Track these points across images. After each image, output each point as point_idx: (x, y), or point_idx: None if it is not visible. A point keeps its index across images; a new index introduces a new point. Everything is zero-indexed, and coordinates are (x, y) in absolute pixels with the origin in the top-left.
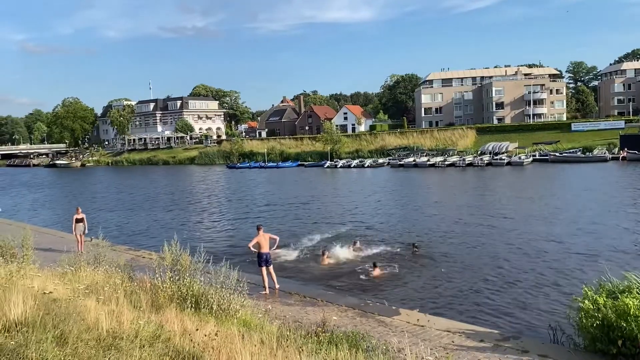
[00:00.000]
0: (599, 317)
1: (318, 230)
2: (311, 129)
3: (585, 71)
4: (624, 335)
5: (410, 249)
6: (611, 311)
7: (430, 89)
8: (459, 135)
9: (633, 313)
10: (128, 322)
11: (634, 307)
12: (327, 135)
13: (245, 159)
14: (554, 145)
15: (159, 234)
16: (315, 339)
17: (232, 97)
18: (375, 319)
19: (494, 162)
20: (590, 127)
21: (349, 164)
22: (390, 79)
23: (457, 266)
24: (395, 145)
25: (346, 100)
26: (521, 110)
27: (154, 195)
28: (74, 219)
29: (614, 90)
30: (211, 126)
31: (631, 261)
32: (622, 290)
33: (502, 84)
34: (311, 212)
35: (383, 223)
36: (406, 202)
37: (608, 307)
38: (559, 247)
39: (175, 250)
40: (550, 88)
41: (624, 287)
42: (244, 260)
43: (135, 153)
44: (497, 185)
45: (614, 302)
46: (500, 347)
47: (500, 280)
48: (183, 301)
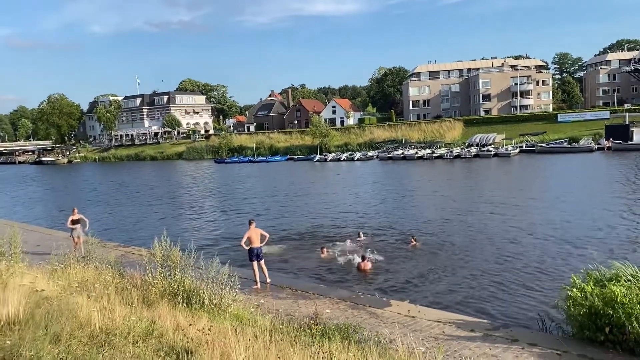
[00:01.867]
0: (586, 305)
1: (311, 224)
2: (300, 123)
3: (571, 62)
4: (611, 323)
5: (409, 241)
6: (598, 299)
7: (417, 82)
8: (446, 128)
9: (620, 300)
10: (120, 319)
11: (621, 295)
12: (316, 128)
13: (234, 153)
14: (541, 136)
15: (148, 229)
16: (308, 331)
17: (219, 91)
18: (367, 311)
19: (481, 154)
20: (576, 118)
21: (338, 158)
22: (377, 72)
23: (447, 257)
24: (383, 139)
25: (334, 93)
26: (508, 101)
27: (141, 191)
28: (70, 220)
29: (599, 81)
30: (199, 121)
31: (618, 249)
32: (610, 278)
33: (488, 76)
34: (304, 206)
35: (375, 216)
36: (396, 195)
37: (595, 295)
38: (547, 236)
39: (165, 246)
40: (536, 79)
41: (611, 275)
42: (235, 254)
43: (123, 149)
44: (484, 177)
45: (601, 290)
46: (490, 336)
47: (490, 270)
48: (174, 297)
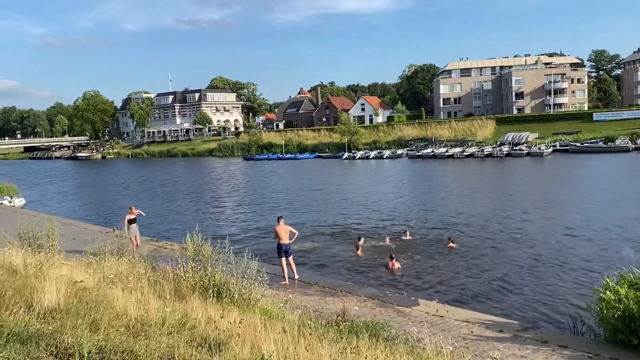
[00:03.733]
0: (620, 308)
1: (340, 221)
2: (328, 121)
3: (608, 60)
4: None
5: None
6: (633, 302)
7: (448, 79)
8: (477, 126)
9: None
10: (154, 310)
11: None
12: (345, 126)
13: (264, 150)
14: (575, 136)
15: (180, 224)
16: (335, 328)
17: (249, 89)
18: (395, 309)
19: (513, 153)
20: (612, 117)
21: (367, 155)
22: (408, 69)
23: (478, 257)
24: (413, 136)
25: (363, 91)
26: (541, 100)
27: (173, 187)
28: (127, 219)
29: (638, 79)
30: (229, 118)
31: None
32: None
33: (521, 74)
34: (332, 203)
35: (407, 215)
36: (427, 194)
37: (630, 298)
38: (580, 238)
39: (197, 240)
40: (571, 77)
41: None
42: (264, 250)
43: (155, 145)
44: (517, 177)
45: (636, 293)
46: (520, 337)
47: (521, 271)
48: (205, 291)
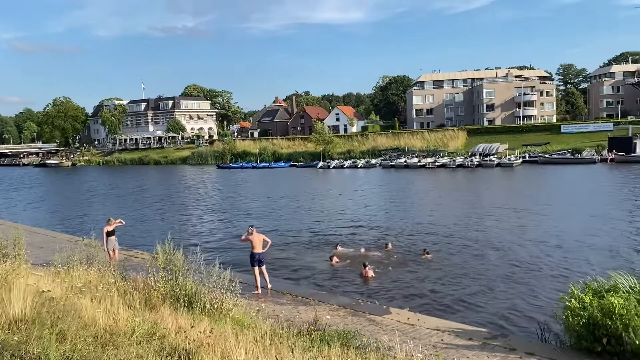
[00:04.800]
0: (584, 315)
1: (314, 231)
2: (303, 130)
3: (575, 73)
4: (609, 334)
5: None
6: (597, 310)
7: (421, 91)
8: (449, 137)
9: (618, 312)
10: (124, 320)
11: (619, 306)
12: (319, 135)
13: (238, 159)
14: (544, 147)
15: (150, 233)
16: (307, 337)
17: (224, 97)
18: (367, 318)
19: (483, 164)
20: (579, 129)
21: (341, 165)
22: (382, 80)
23: (450, 266)
24: (386, 146)
25: (338, 101)
26: (511, 112)
27: (144, 195)
28: (105, 231)
29: (603, 92)
30: (203, 126)
31: (617, 261)
32: (608, 289)
33: (492, 86)
34: (307, 212)
35: (381, 224)
36: (400, 204)
37: (594, 306)
38: (547, 247)
39: (168, 249)
40: (540, 90)
41: (610, 286)
42: (236, 259)
43: (127, 153)
44: (487, 187)
45: (599, 300)
46: (489, 345)
47: (491, 280)
48: (176, 300)
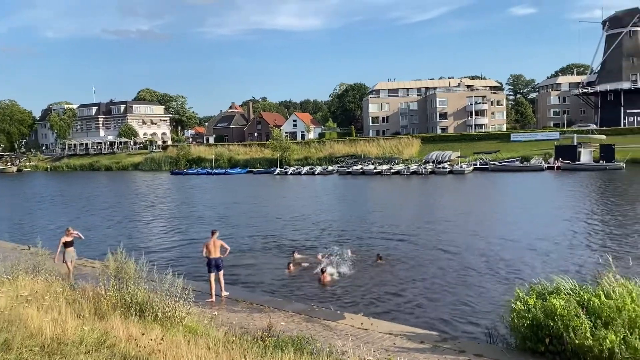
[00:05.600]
0: (529, 317)
1: (271, 237)
2: (260, 136)
3: (524, 84)
4: (551, 334)
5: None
6: (540, 311)
7: (377, 99)
8: (404, 144)
9: (559, 313)
10: (72, 330)
11: (560, 307)
12: (277, 142)
13: (192, 165)
14: (494, 155)
15: (101, 241)
16: (261, 343)
17: (178, 102)
18: (321, 324)
19: (436, 171)
20: (528, 138)
21: (299, 171)
22: (339, 87)
23: (404, 271)
24: (343, 153)
25: (296, 107)
26: (464, 120)
27: (95, 202)
28: (62, 242)
29: (550, 102)
30: (156, 131)
31: (561, 264)
32: (551, 291)
33: (445, 95)
34: (264, 219)
35: (338, 230)
36: (356, 210)
37: (537, 308)
38: (497, 251)
39: (119, 258)
40: (491, 99)
41: (552, 288)
42: (190, 267)
43: (76, 158)
44: (439, 193)
45: (543, 302)
46: (439, 347)
47: (444, 283)
48: (127, 309)
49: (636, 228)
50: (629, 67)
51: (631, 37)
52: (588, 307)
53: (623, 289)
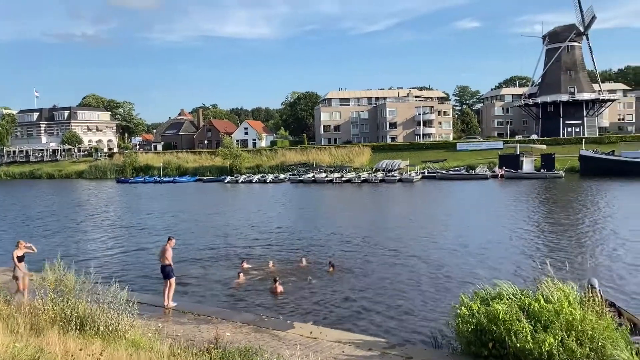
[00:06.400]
0: (473, 322)
1: (221, 247)
2: (210, 143)
3: (470, 95)
4: (494, 338)
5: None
6: (483, 316)
7: (329, 107)
8: (355, 153)
9: (502, 317)
10: (3, 347)
11: (502, 312)
12: (227, 149)
13: (140, 173)
14: (441, 164)
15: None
16: (207, 355)
17: (125, 108)
18: (270, 334)
19: (386, 179)
20: (473, 147)
21: (250, 180)
22: (291, 95)
23: (354, 279)
24: (295, 161)
25: (247, 115)
26: (412, 130)
27: (33, 211)
28: (15, 256)
29: (494, 113)
30: (102, 138)
31: (504, 269)
32: (494, 297)
33: (395, 105)
34: (213, 228)
35: (288, 238)
36: (308, 218)
37: (481, 313)
38: (444, 257)
39: (58, 269)
40: (438, 110)
41: (496, 294)
42: (135, 278)
43: (16, 166)
44: (389, 201)
45: (486, 308)
46: (387, 354)
47: (391, 290)
48: (67, 323)
49: (572, 234)
50: (567, 80)
51: (569, 51)
52: (529, 312)
53: (561, 293)
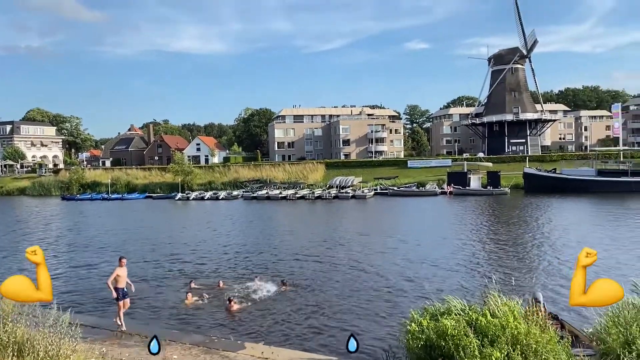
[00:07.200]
0: (422, 338)
1: (172, 266)
2: (161, 159)
3: (420, 114)
4: (443, 354)
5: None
6: (433, 332)
7: (282, 124)
8: (309, 170)
9: (450, 333)
10: None
11: (451, 328)
12: (178, 166)
13: (87, 189)
14: (393, 180)
15: None
16: None
17: (72, 123)
18: (220, 355)
19: (340, 196)
20: (423, 165)
21: (202, 196)
22: (244, 112)
23: (307, 297)
24: (248, 178)
25: (200, 131)
26: (365, 147)
27: None
28: None
29: (443, 132)
30: (47, 154)
31: (454, 284)
32: (443, 312)
33: (348, 123)
34: (163, 246)
35: (240, 256)
36: (262, 235)
37: (430, 329)
38: (395, 273)
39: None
40: (390, 128)
41: (445, 309)
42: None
43: None
44: (342, 218)
45: (435, 323)
46: None
47: (343, 307)
48: (4, 349)
49: (517, 249)
50: (511, 100)
51: (513, 73)
52: (476, 327)
53: (506, 308)
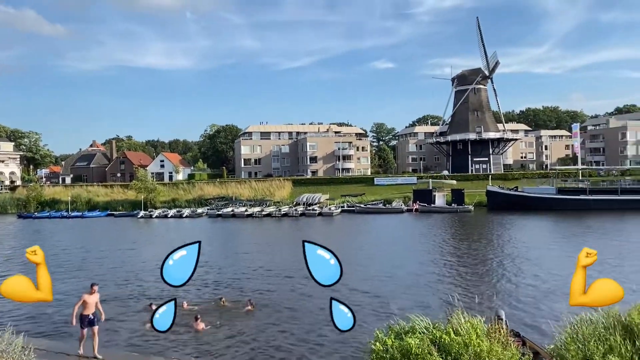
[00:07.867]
0: (387, 357)
1: (134, 286)
2: (124, 176)
3: (386, 132)
4: None
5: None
6: (397, 351)
7: (249, 141)
8: (276, 187)
9: (414, 352)
10: None
11: (415, 346)
12: (141, 183)
13: (45, 207)
14: (360, 197)
15: None
16: None
17: (31, 138)
18: None
19: (307, 213)
20: (389, 182)
21: (165, 214)
22: (210, 128)
23: (272, 315)
24: (214, 195)
25: (164, 147)
26: (332, 164)
27: None
28: None
29: (409, 149)
30: (3, 170)
31: (418, 301)
32: (407, 331)
33: (315, 140)
34: (122, 267)
35: (204, 275)
36: (225, 255)
37: (395, 348)
38: (362, 291)
39: None
40: (357, 145)
41: (409, 328)
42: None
43: None
44: (310, 234)
45: (400, 342)
46: None
47: (309, 328)
48: None
49: (480, 267)
50: (474, 120)
51: (475, 93)
52: (440, 345)
53: (469, 326)
